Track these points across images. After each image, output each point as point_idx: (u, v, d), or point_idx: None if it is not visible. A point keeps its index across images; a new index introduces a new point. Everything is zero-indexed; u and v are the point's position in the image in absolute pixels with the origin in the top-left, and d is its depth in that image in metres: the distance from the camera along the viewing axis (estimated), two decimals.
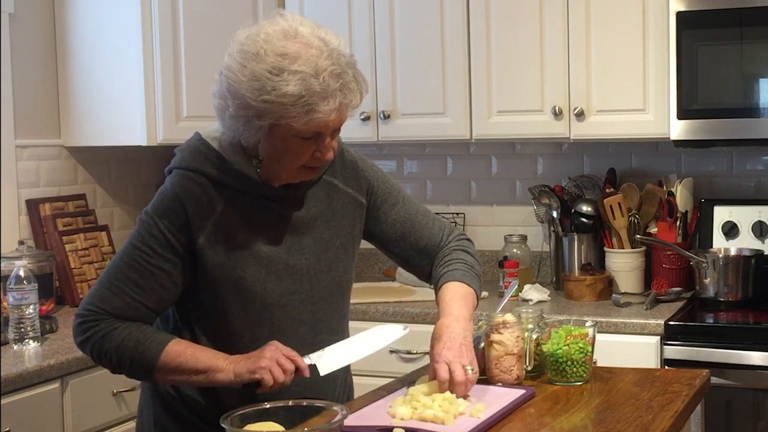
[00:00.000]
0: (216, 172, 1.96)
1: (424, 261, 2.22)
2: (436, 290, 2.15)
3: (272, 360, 1.87)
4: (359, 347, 2.02)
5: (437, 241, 2.23)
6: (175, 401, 2.05)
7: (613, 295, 3.31)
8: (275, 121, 1.84)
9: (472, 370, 1.96)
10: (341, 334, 2.15)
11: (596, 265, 3.51)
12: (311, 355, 1.96)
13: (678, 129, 3.17)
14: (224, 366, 1.91)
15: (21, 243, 3.35)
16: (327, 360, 1.98)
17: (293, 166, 1.93)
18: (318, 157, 1.92)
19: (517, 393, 2.02)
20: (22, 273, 2.84)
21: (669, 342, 3.00)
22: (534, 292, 3.40)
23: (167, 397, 2.06)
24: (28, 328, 2.84)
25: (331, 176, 2.09)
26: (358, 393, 2.16)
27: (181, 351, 1.92)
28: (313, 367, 1.94)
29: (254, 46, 1.83)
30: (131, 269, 1.94)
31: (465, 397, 1.94)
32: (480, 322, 2.22)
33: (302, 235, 2.03)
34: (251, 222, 1.98)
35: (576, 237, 3.53)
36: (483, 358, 2.14)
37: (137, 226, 1.98)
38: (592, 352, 2.16)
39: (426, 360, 2.17)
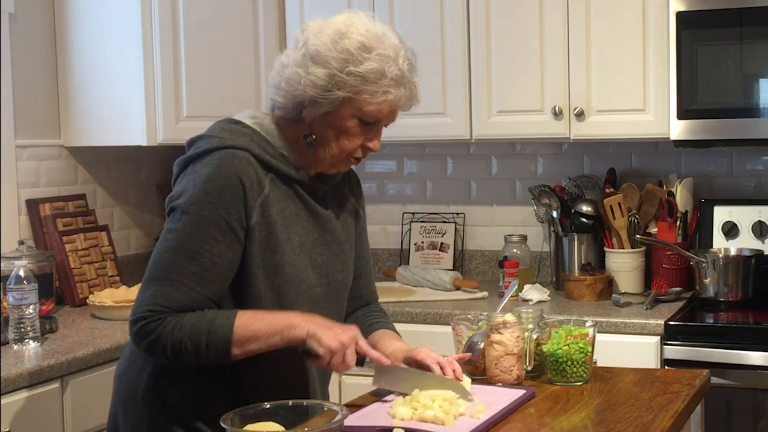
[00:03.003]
0: (262, 153, 1.97)
1: (350, 306, 2.23)
2: (368, 332, 2.17)
3: (344, 347, 1.89)
4: (417, 381, 1.99)
5: (372, 298, 2.29)
6: (182, 409, 1.99)
7: (613, 295, 3.31)
8: (353, 94, 1.93)
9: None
10: None
11: (596, 265, 3.51)
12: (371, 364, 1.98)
13: (678, 129, 3.17)
14: (299, 323, 1.91)
15: (21, 243, 3.34)
16: (385, 375, 1.99)
17: (341, 149, 1.99)
18: (368, 146, 2.00)
19: (517, 393, 2.02)
20: (22, 273, 2.84)
21: (669, 342, 3.00)
22: (534, 292, 3.40)
23: (172, 406, 2.00)
24: (28, 328, 2.83)
25: (341, 183, 2.15)
26: (357, 393, 2.16)
27: (252, 318, 1.90)
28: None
29: (342, 28, 1.95)
30: (192, 262, 1.89)
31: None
32: (480, 322, 2.22)
33: (324, 231, 2.07)
34: (287, 209, 1.99)
35: (576, 237, 3.53)
36: (483, 358, 2.14)
37: (186, 215, 1.90)
38: (592, 352, 2.16)
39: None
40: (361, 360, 1.96)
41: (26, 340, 2.83)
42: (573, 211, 3.55)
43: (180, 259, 1.89)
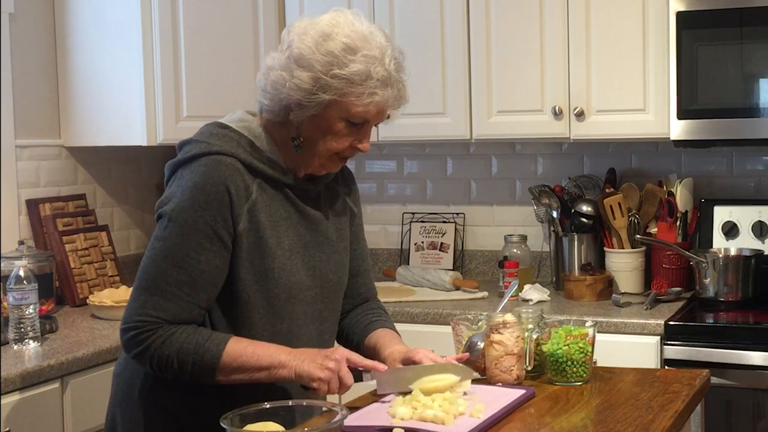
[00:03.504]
0: (249, 158, 1.97)
1: (348, 304, 2.22)
2: (367, 332, 2.17)
3: (334, 372, 1.88)
4: (418, 374, 1.98)
5: (371, 295, 2.28)
6: (179, 408, 2.00)
7: (613, 295, 3.31)
8: (338, 97, 1.91)
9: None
10: (335, 335, 2.18)
11: (596, 265, 3.51)
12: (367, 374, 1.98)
13: (678, 129, 3.17)
14: (287, 362, 1.90)
15: (21, 243, 3.34)
16: (387, 380, 1.98)
17: (330, 151, 1.98)
18: (356, 146, 1.99)
19: (517, 393, 2.02)
20: (22, 273, 2.84)
21: (669, 342, 3.00)
22: (534, 292, 3.40)
23: (169, 406, 2.01)
24: (28, 328, 2.83)
25: (334, 182, 2.15)
26: (357, 393, 2.16)
27: (242, 350, 1.90)
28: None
29: (326, 29, 1.93)
30: (180, 270, 1.89)
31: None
32: (480, 322, 2.22)
33: (316, 232, 2.07)
34: (277, 213, 1.99)
35: (576, 237, 3.53)
36: (483, 358, 2.14)
37: (173, 223, 1.91)
38: (592, 352, 2.16)
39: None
40: (359, 374, 1.96)
41: (26, 340, 2.83)
42: (573, 211, 3.55)
43: (168, 268, 1.90)
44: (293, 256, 2.00)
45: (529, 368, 2.17)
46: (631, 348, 3.02)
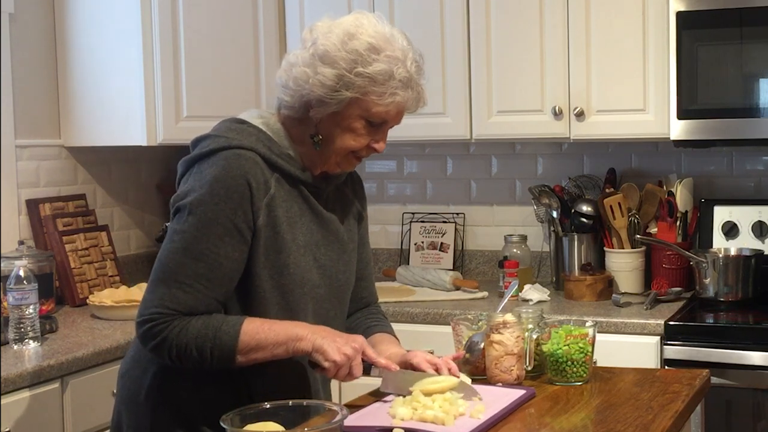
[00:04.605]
0: (268, 152, 1.98)
1: (350, 308, 2.23)
2: (366, 335, 2.17)
3: (350, 359, 1.90)
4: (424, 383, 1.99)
5: (373, 300, 2.30)
6: (186, 409, 1.99)
7: (613, 295, 3.31)
8: (360, 95, 1.94)
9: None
10: None
11: (596, 265, 3.51)
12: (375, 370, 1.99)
13: (678, 129, 3.17)
14: (305, 335, 1.91)
15: (21, 243, 3.34)
16: (393, 380, 2.00)
17: (346, 149, 1.99)
18: (373, 146, 2.01)
19: (517, 393, 2.02)
20: (22, 273, 2.84)
21: (669, 342, 3.00)
22: (534, 292, 3.40)
23: (176, 407, 2.00)
24: (28, 328, 2.83)
25: (343, 185, 2.16)
26: (357, 393, 2.16)
27: (258, 327, 1.90)
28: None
29: (351, 29, 1.96)
30: (199, 263, 1.89)
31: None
32: (480, 322, 2.22)
33: (328, 232, 2.08)
34: (292, 209, 2.00)
35: (576, 237, 3.53)
36: (483, 358, 2.14)
37: (192, 216, 1.90)
38: (592, 352, 2.16)
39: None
40: (368, 367, 1.96)
41: (26, 340, 2.83)
42: (573, 211, 3.55)
43: (186, 261, 1.90)
44: (306, 253, 2.01)
45: (529, 368, 2.17)
46: (631, 348, 3.02)
